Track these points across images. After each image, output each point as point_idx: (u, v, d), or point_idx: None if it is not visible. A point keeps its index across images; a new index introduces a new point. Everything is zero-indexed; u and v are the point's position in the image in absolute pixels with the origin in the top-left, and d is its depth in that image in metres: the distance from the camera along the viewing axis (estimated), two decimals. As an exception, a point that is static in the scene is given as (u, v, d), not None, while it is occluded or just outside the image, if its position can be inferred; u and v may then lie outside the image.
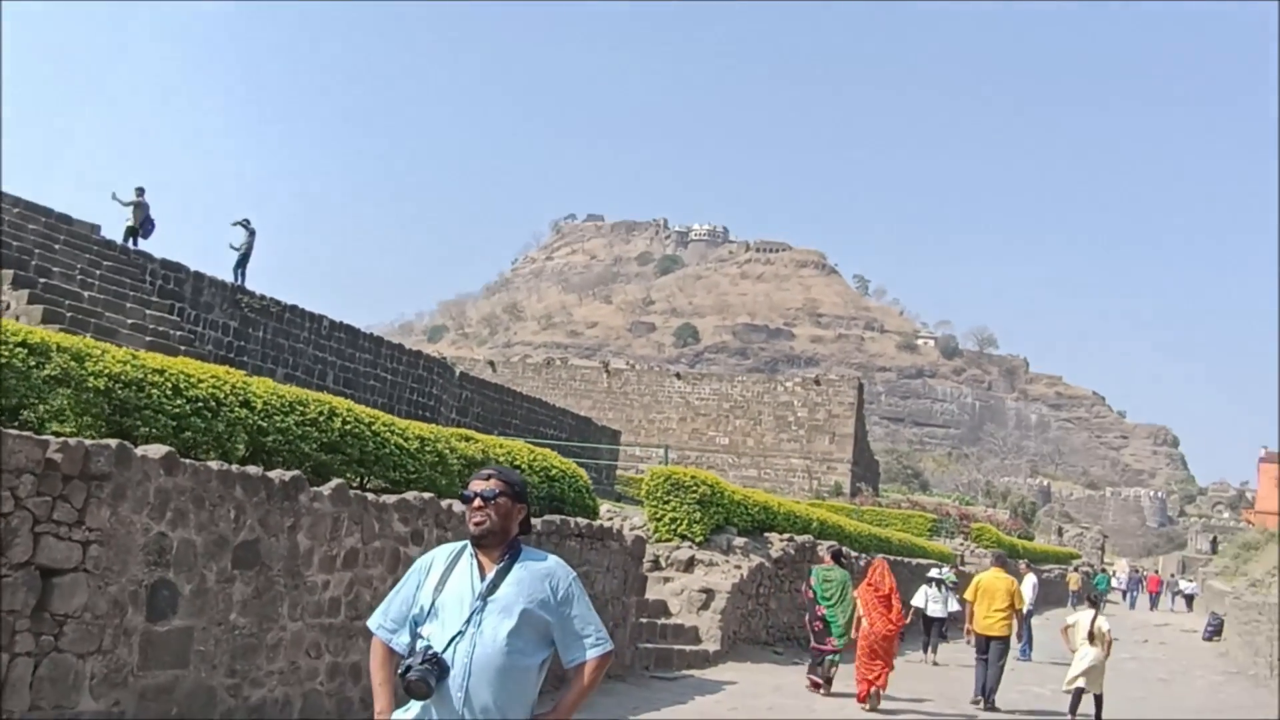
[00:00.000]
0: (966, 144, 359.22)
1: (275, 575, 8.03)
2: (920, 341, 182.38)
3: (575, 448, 28.83)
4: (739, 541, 17.56)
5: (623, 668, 13.18)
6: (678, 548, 16.88)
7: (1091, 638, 13.91)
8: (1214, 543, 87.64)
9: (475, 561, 3.99)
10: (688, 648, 15.27)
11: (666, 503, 17.07)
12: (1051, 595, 43.77)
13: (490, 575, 3.93)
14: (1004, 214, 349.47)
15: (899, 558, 26.57)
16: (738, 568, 16.97)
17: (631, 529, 16.11)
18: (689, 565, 16.71)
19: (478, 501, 4.01)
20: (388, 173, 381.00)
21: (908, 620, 15.55)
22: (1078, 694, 13.93)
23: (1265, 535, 59.11)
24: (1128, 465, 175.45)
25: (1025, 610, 22.17)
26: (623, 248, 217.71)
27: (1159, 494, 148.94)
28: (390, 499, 9.26)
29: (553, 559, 4.12)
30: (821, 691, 14.29)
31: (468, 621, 3.85)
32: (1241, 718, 17.34)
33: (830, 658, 14.48)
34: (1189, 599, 58.11)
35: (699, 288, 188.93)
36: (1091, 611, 14.57)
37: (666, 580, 16.43)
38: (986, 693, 14.83)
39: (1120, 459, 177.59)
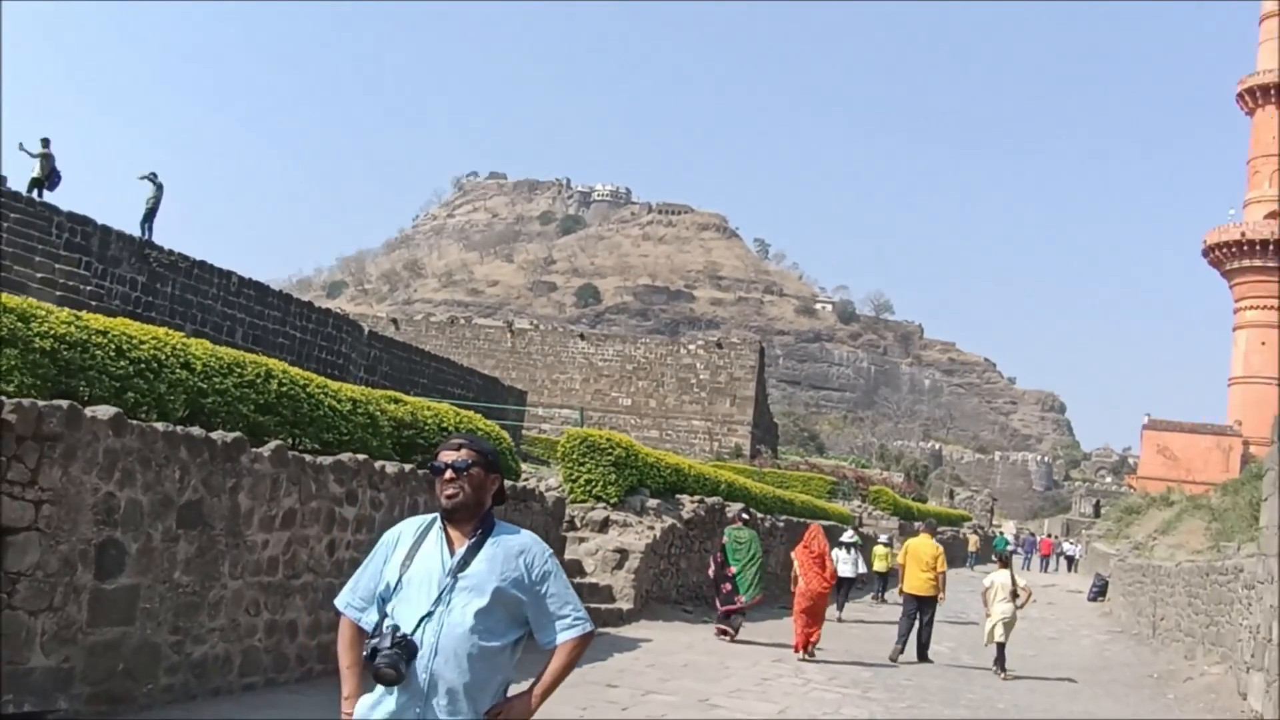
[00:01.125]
0: (864, 108, 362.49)
1: (217, 534, 8.17)
2: (819, 306, 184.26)
3: (483, 408, 28.96)
4: (652, 503, 17.95)
5: (542, 626, 13.47)
6: (593, 509, 17.21)
7: (1014, 594, 15.37)
8: (1097, 506, 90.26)
9: (445, 536, 3.76)
10: (603, 606, 15.62)
11: (582, 464, 17.39)
12: (947, 555, 45.05)
13: (460, 551, 3.70)
14: (902, 180, 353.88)
15: (802, 519, 27.21)
16: (651, 528, 17.37)
17: (548, 490, 16.38)
18: (604, 526, 17.06)
19: (449, 473, 3.74)
20: (287, 124, 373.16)
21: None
22: (995, 648, 15.36)
23: (1146, 499, 61.35)
24: (1016, 430, 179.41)
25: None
26: (525, 206, 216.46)
27: (1045, 458, 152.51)
28: (326, 460, 9.42)
29: (527, 534, 3.86)
30: (727, 639, 15.42)
31: (436, 601, 3.62)
32: (1126, 671, 18.23)
33: (738, 616, 15.73)
34: (1071, 560, 60.09)
35: (601, 248, 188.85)
36: (1005, 572, 15.98)
37: (582, 540, 16.76)
38: (921, 646, 15.98)
39: (1009, 424, 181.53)
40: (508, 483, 12.74)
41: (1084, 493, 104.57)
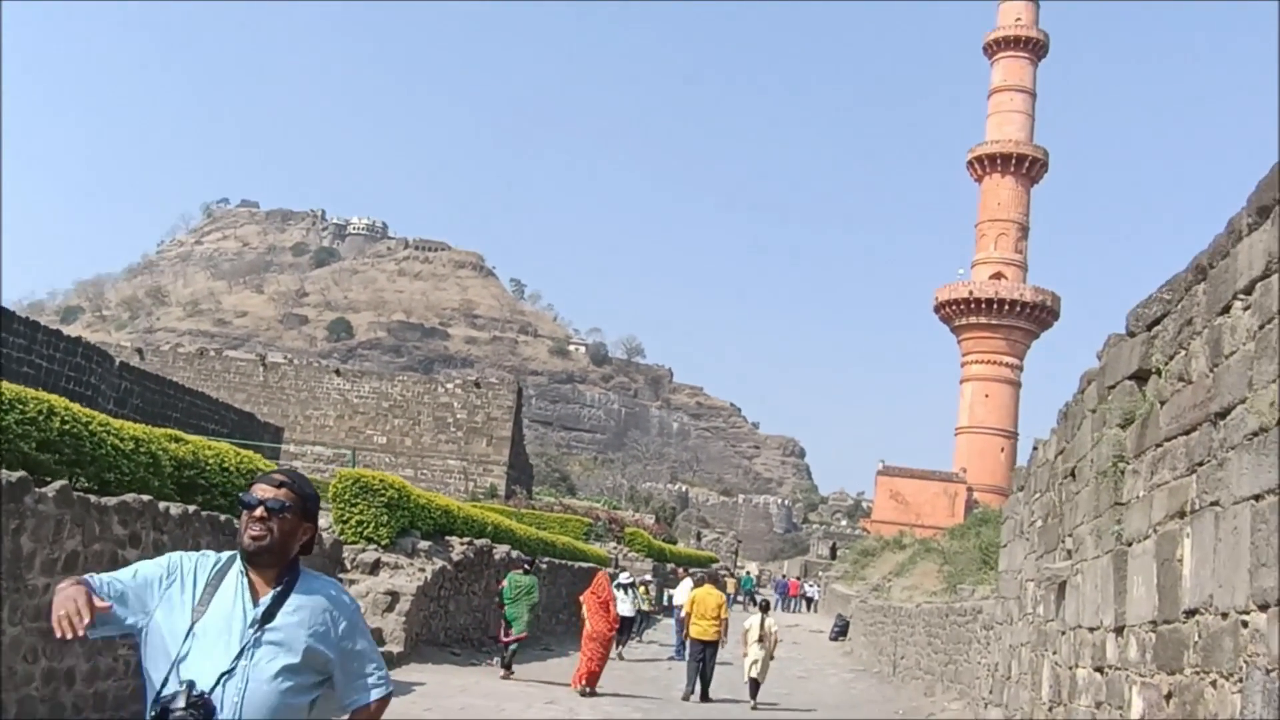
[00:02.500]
0: (621, 153, 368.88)
1: (-3, 578, 7.85)
2: (572, 348, 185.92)
3: (240, 445, 28.16)
4: (423, 545, 17.92)
5: (315, 670, 13.30)
6: (364, 550, 17.06)
7: (761, 639, 17.11)
8: (833, 549, 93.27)
9: (246, 580, 3.37)
10: (373, 650, 15.51)
11: (354, 505, 17.22)
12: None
13: (265, 601, 3.34)
14: (658, 225, 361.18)
15: (563, 560, 27.53)
16: (422, 570, 17.33)
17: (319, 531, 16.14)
18: (375, 568, 16.93)
19: (260, 511, 3.36)
20: (13, 133, 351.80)
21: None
22: (754, 684, 17.04)
23: (881, 542, 64.39)
24: (759, 474, 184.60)
25: (680, 611, 23.84)
26: (277, 237, 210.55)
27: (785, 501, 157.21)
28: (111, 501, 9.15)
29: (333, 583, 3.60)
30: (504, 675, 16.37)
31: (239, 655, 3.25)
32: (874, 708, 19.21)
33: (512, 647, 16.76)
34: (810, 601, 62.29)
35: (355, 282, 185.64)
36: (760, 615, 17.84)
37: (353, 582, 16.56)
38: (704, 685, 17.36)
39: (752, 467, 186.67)
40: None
41: (821, 535, 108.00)
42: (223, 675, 3.21)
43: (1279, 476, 4.84)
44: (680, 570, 29.43)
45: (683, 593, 25.06)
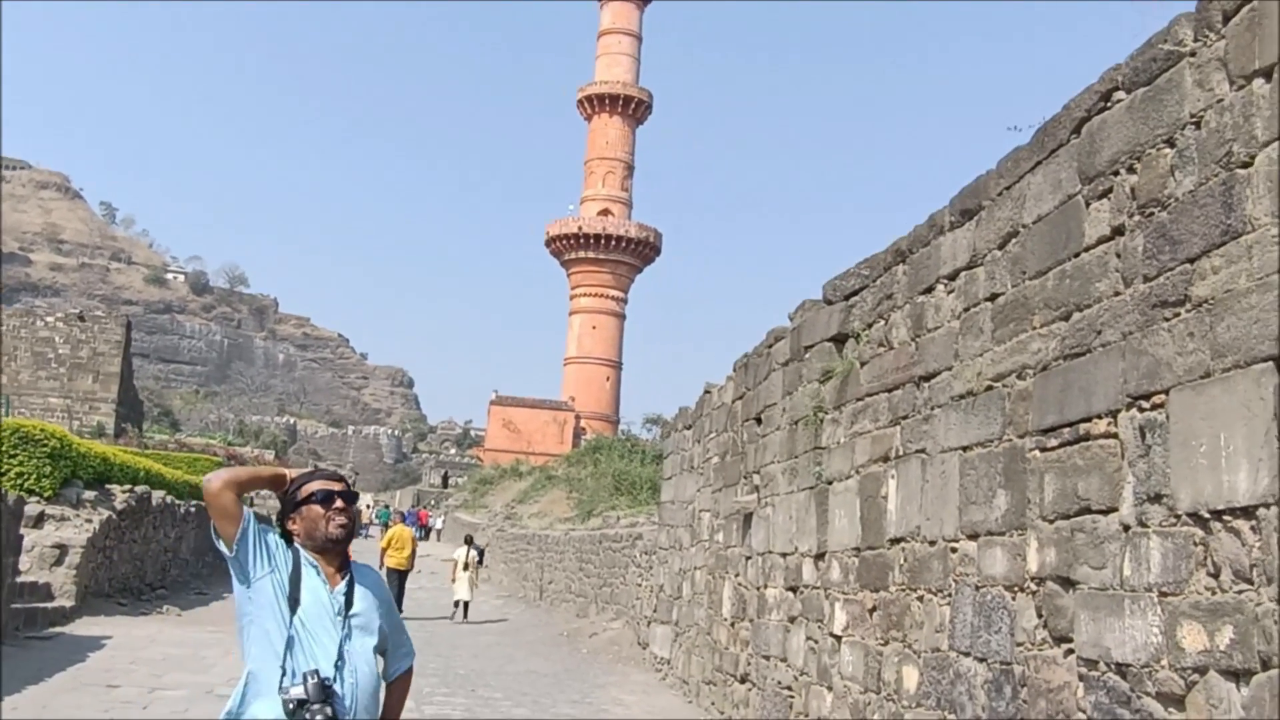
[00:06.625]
0: (224, 74, 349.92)
1: None
2: (170, 276, 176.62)
3: None
4: (88, 495, 17.41)
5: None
6: (26, 503, 16.38)
7: (467, 565, 21.56)
8: (445, 477, 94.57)
9: (318, 571, 3.60)
10: (45, 605, 15.10)
11: (14, 456, 16.45)
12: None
13: (342, 588, 3.61)
14: (260, 149, 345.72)
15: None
16: (89, 521, 16.87)
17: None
18: (39, 521, 16.31)
19: (339, 502, 3.66)
20: None
21: None
22: (461, 605, 21.61)
23: (498, 470, 66.19)
24: (367, 404, 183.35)
25: None
26: None
27: (395, 432, 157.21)
28: None
29: (371, 568, 3.89)
30: None
31: (341, 643, 3.52)
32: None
33: None
34: (430, 530, 63.38)
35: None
36: (465, 547, 22.07)
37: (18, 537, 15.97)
38: (398, 605, 20.23)
39: (361, 398, 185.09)
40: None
41: (433, 464, 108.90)
42: (337, 663, 3.48)
43: (986, 433, 6.13)
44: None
45: None
